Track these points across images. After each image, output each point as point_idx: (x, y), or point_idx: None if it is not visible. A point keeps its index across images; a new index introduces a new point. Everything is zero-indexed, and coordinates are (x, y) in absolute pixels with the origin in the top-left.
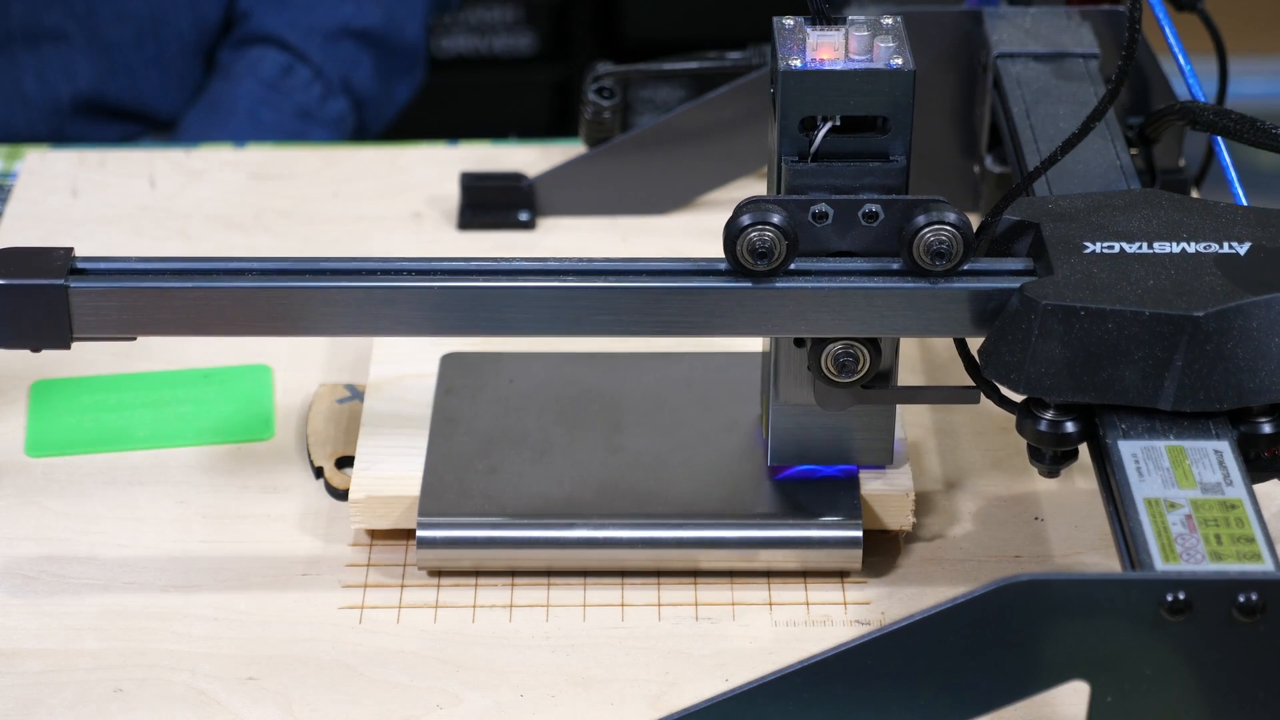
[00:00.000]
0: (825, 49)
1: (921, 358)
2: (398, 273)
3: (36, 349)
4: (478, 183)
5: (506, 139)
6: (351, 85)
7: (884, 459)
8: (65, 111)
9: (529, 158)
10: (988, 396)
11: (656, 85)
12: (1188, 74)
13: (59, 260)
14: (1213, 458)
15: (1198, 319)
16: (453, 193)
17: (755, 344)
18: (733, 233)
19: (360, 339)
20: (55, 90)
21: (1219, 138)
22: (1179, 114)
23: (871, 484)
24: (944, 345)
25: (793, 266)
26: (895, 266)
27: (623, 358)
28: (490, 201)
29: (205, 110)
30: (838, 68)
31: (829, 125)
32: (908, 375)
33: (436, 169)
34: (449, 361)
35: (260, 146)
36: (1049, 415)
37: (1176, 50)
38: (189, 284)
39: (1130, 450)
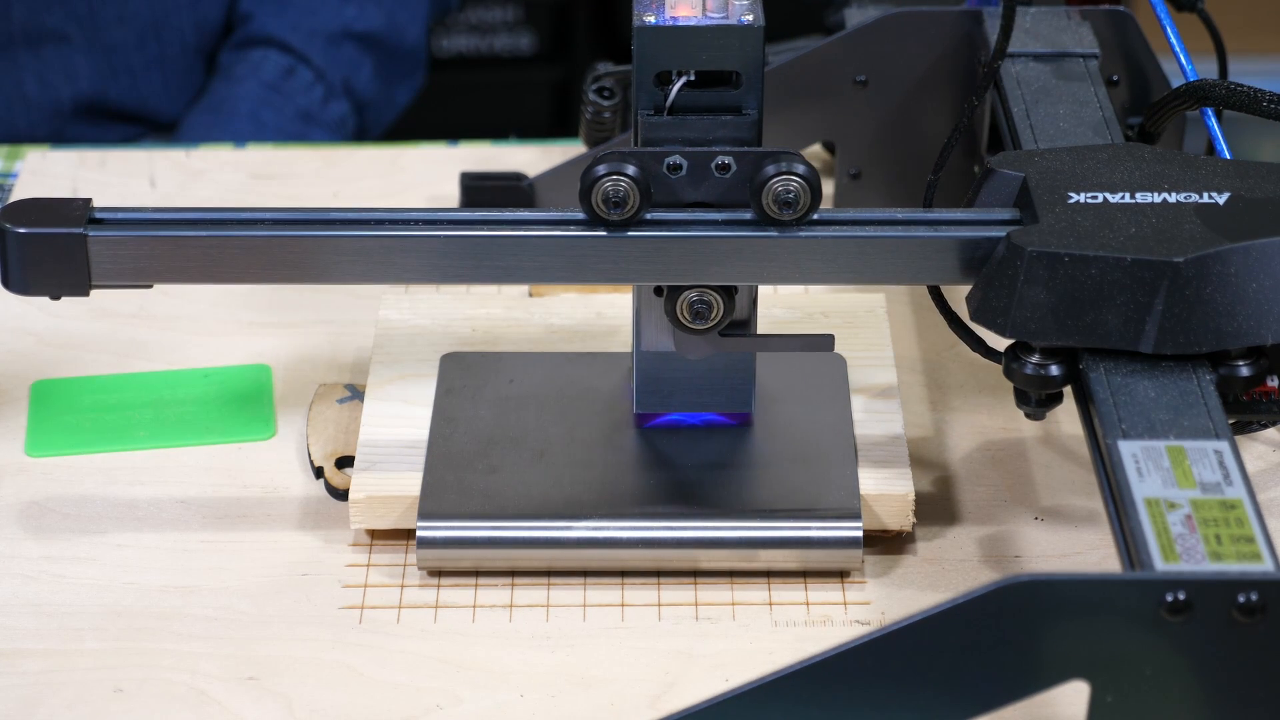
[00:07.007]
0: (683, 6)
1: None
2: (405, 223)
3: (56, 296)
4: (478, 183)
5: (506, 139)
6: (353, 88)
7: (744, 406)
8: (66, 113)
9: (529, 158)
10: (970, 347)
11: None
12: (1188, 74)
13: (78, 210)
14: (1212, 457)
15: (1178, 265)
16: (453, 193)
17: None
18: (588, 183)
19: (360, 340)
20: (56, 92)
21: (1219, 137)
22: (1188, 96)
23: (871, 484)
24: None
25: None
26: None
27: (623, 358)
28: (490, 201)
29: (207, 112)
30: (691, 23)
31: (683, 80)
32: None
33: (436, 169)
34: (449, 361)
35: (260, 146)
36: (1034, 359)
37: (1177, 50)
38: (203, 233)
39: (1130, 450)
